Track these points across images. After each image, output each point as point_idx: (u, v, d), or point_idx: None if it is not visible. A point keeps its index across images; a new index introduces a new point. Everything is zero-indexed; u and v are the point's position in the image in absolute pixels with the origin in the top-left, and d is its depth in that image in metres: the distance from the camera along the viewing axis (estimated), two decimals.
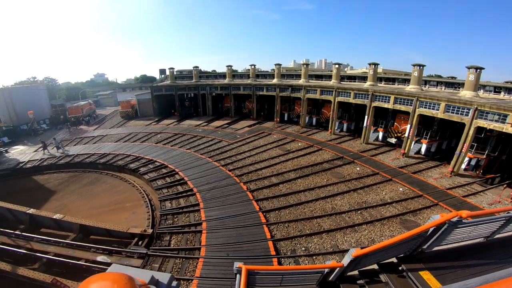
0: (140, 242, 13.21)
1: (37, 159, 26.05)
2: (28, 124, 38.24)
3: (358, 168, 20.05)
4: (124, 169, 22.59)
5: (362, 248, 3.58)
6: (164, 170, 20.91)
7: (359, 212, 14.69)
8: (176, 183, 18.76)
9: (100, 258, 12.58)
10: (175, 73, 44.89)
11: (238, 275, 3.42)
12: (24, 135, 36.04)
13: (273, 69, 41.57)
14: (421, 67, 23.27)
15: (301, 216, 14.39)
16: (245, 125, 32.60)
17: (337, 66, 30.47)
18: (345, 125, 29.66)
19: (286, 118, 34.50)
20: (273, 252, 11.60)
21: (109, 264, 11.80)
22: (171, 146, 26.23)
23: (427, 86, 32.52)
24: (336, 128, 28.89)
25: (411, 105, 21.49)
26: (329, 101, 28.63)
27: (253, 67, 39.64)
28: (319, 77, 42.81)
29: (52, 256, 12.78)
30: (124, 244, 13.57)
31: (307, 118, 32.03)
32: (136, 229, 13.80)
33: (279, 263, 11.12)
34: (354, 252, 3.51)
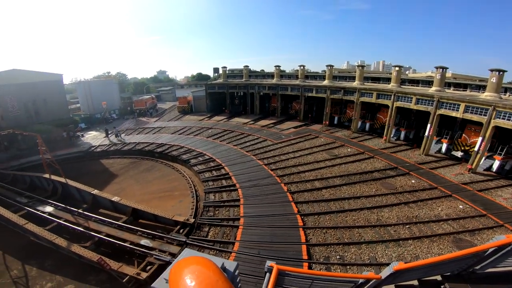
0: (181, 230, 14.02)
1: (105, 144, 30.02)
2: (102, 113, 44.32)
3: (413, 181, 18.12)
4: (177, 159, 24.48)
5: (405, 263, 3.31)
6: (211, 164, 22.00)
7: (407, 226, 13.41)
8: (221, 177, 19.56)
9: (143, 241, 13.57)
10: (227, 72, 46.81)
11: (268, 274, 3.39)
12: (98, 123, 41.85)
13: (324, 70, 40.22)
14: (500, 73, 19.92)
15: (341, 224, 13.70)
16: (291, 126, 32.26)
17: (397, 68, 27.99)
18: (402, 133, 27.02)
19: (336, 122, 33.04)
20: (305, 256, 11.32)
21: (151, 248, 12.93)
22: (220, 141, 27.47)
23: (507, 94, 27.61)
24: (392, 135, 26.53)
25: (485, 115, 18.54)
26: (386, 106, 26.44)
27: (302, 67, 38.94)
28: (375, 79, 39.92)
29: (104, 236, 14.12)
30: (166, 230, 14.58)
31: (359, 123, 30.16)
32: (180, 218, 14.67)
33: (310, 268, 10.76)
34: (396, 266, 3.28)
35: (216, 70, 58.87)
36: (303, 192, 16.95)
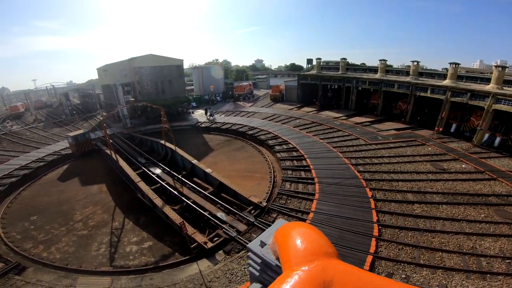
0: (252, 211, 14.71)
1: (208, 121, 34.68)
2: (209, 95, 51.13)
3: None
4: (264, 143, 25.87)
5: None
6: (294, 153, 22.16)
7: (507, 261, 10.40)
8: (301, 168, 19.45)
9: (219, 214, 14.74)
10: (321, 63, 45.17)
11: None
12: (205, 103, 48.51)
13: (445, 68, 32.94)
14: None
15: (423, 244, 11.65)
16: (392, 127, 28.44)
17: None
18: None
19: (453, 130, 26.99)
20: (366, 267, 10.33)
21: (223, 222, 13.98)
22: (306, 132, 27.19)
23: None
24: None
25: None
26: None
27: (415, 63, 33.05)
28: None
29: (191, 202, 15.91)
30: (240, 208, 15.51)
31: (486, 136, 23.64)
32: (255, 199, 15.38)
33: None
34: None
35: (309, 61, 57.62)
36: (390, 202, 14.98)
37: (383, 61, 35.52)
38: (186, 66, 47.79)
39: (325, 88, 41.43)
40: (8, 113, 57.86)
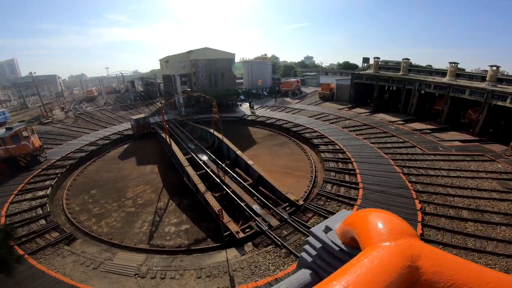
0: (287, 208, 14.60)
1: (254, 115, 35.40)
2: (256, 89, 51.96)
3: None
4: (308, 142, 25.41)
5: None
6: (340, 155, 21.31)
7: None
8: (346, 171, 18.62)
9: (255, 206, 14.91)
10: (379, 62, 42.02)
11: None
12: (252, 97, 49.46)
13: None
14: None
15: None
16: (457, 138, 25.26)
17: None
18: None
19: None
20: None
21: (257, 214, 14.08)
22: (356, 135, 25.82)
23: None
24: None
25: None
26: None
27: (494, 68, 28.43)
28: None
29: (230, 191, 16.37)
30: (275, 203, 15.48)
31: None
32: (292, 196, 15.21)
33: None
34: None
35: (366, 60, 54.10)
36: (440, 217, 13.53)
37: (453, 64, 31.52)
38: (236, 60, 49.25)
39: (381, 89, 38.57)
40: (84, 96, 68.31)
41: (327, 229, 1.65)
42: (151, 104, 49.09)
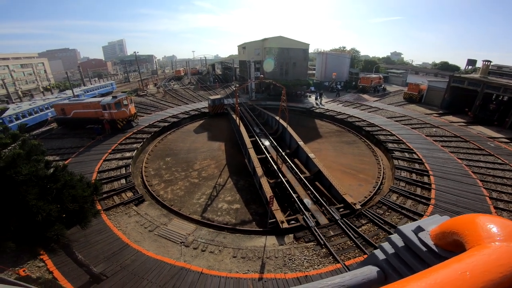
0: (341, 209, 13.76)
1: (323, 108, 34.01)
2: (329, 82, 49.47)
3: None
4: (381, 144, 23.08)
5: None
6: (417, 166, 18.68)
7: None
8: (419, 184, 16.22)
9: (306, 200, 14.38)
10: (490, 66, 34.18)
11: None
12: (324, 89, 47.41)
13: None
14: None
15: None
16: None
17: None
18: None
19: None
20: None
21: (307, 209, 13.61)
22: (441, 146, 22.06)
23: None
24: None
25: None
26: None
27: None
28: None
29: (285, 180, 16.21)
30: (329, 202, 14.86)
31: None
32: (349, 198, 14.24)
33: None
34: None
35: (472, 62, 44.63)
36: None
37: None
38: (311, 50, 47.57)
39: (487, 98, 31.59)
40: (173, 75, 79.26)
41: (419, 229, 1.60)
42: (227, 87, 52.57)
